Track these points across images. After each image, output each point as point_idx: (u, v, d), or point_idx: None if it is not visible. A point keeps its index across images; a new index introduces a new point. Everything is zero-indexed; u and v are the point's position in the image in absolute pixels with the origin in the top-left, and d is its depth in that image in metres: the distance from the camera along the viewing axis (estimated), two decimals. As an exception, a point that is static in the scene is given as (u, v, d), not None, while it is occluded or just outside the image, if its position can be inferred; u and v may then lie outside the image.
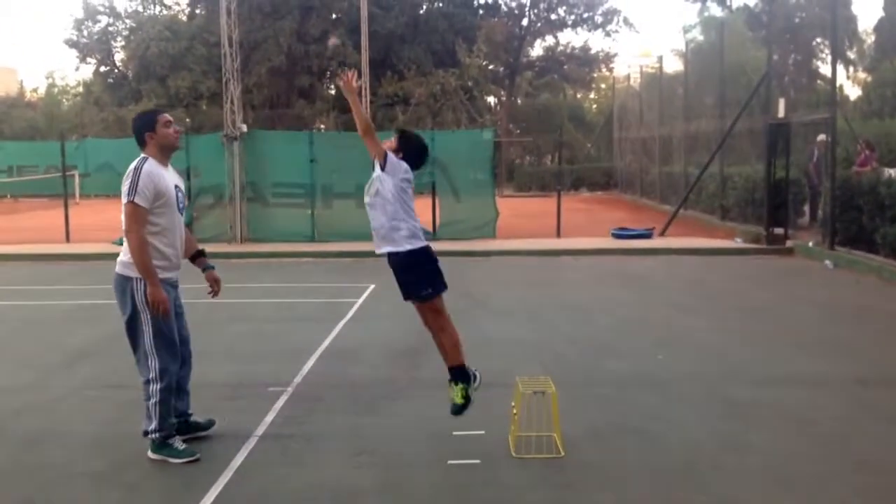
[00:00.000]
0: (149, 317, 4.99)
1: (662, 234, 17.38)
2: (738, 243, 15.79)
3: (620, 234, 17.02)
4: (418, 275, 5.23)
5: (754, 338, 8.39)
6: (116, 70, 43.83)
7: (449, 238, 16.27)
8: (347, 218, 16.41)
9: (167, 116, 5.23)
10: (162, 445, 5.07)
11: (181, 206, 5.19)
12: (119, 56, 43.61)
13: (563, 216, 17.41)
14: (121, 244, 5.13)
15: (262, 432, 5.56)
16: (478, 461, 5.01)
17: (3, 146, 33.28)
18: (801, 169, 16.77)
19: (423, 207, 16.82)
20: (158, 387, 5.03)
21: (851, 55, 36.61)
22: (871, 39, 35.13)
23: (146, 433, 5.11)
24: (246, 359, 7.63)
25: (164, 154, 5.16)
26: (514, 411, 5.25)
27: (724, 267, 13.54)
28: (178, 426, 5.26)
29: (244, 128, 16.80)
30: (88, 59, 43.22)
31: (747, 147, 18.70)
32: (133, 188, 4.85)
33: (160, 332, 5.02)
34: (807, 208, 17.21)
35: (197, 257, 5.54)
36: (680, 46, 24.92)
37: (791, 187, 16.19)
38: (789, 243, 15.28)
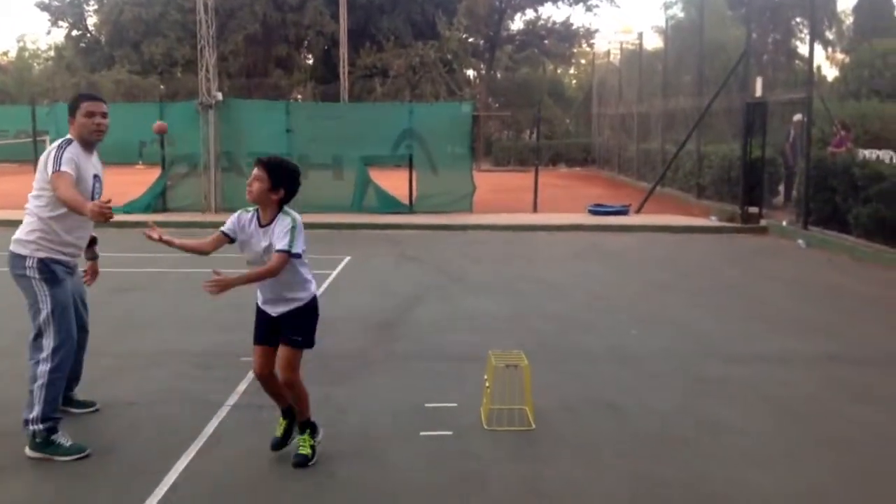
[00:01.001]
0: (46, 291, 4.68)
1: (638, 211, 17.44)
2: (713, 221, 15.89)
3: (597, 211, 17.06)
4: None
5: (727, 315, 8.46)
6: (89, 34, 43.12)
7: (425, 211, 16.22)
8: (323, 189, 16.29)
9: (92, 106, 4.83)
10: (45, 443, 4.61)
11: (98, 194, 4.88)
12: (92, 20, 42.90)
13: (540, 192, 17.40)
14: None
15: (234, 402, 5.54)
16: (450, 433, 5.02)
17: (-28, 109, 32.69)
18: (777, 149, 16.86)
19: (400, 180, 16.86)
20: (49, 367, 4.64)
21: (830, 35, 36.74)
22: (850, 20, 35.25)
23: (27, 422, 4.64)
24: (220, 329, 7.58)
25: (84, 144, 4.83)
26: (487, 384, 5.26)
27: (698, 245, 13.62)
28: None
29: (219, 96, 16.58)
30: (60, 23, 42.51)
31: (725, 126, 18.76)
32: (58, 161, 4.58)
33: (57, 305, 4.70)
34: (782, 188, 17.33)
35: (88, 245, 5.14)
36: (661, 23, 24.82)
37: (767, 167, 16.28)
38: (763, 222, 15.40)
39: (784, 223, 14.82)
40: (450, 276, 10.47)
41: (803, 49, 34.95)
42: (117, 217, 5.43)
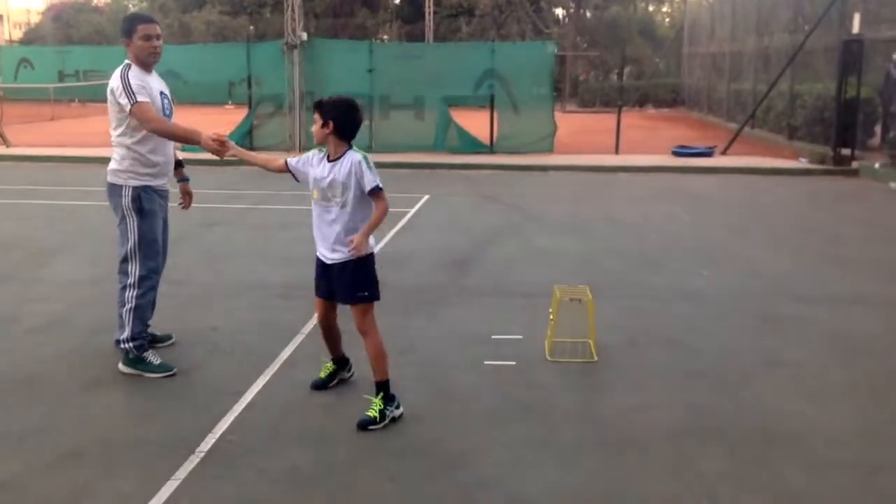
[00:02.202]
0: (135, 223, 4.96)
1: (724, 152, 17.05)
2: (802, 163, 15.44)
3: (681, 152, 16.77)
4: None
5: (803, 257, 8.34)
6: (182, -25, 43.87)
7: (506, 152, 16.25)
8: (405, 129, 16.51)
9: (149, 29, 4.89)
10: (136, 360, 4.98)
11: (168, 112, 5.03)
12: (186, -40, 43.57)
13: (625, 133, 17.19)
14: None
15: (310, 329, 5.82)
16: (513, 363, 5.20)
17: (71, 51, 33.84)
18: (877, 88, 16.16)
19: (481, 120, 16.89)
20: (136, 293, 4.99)
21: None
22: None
23: (118, 342, 5.03)
24: (299, 263, 7.87)
25: (142, 65, 4.91)
26: (552, 317, 5.40)
27: (784, 187, 13.30)
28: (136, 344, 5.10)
29: (304, 36, 16.84)
30: (154, -36, 43.32)
31: (821, 64, 18.04)
32: (130, 93, 4.73)
33: (143, 238, 4.98)
34: (878, 129, 16.65)
35: (176, 167, 5.35)
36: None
37: (863, 107, 15.66)
38: (855, 164, 14.89)
39: (876, 165, 14.30)
40: (526, 215, 10.56)
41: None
42: (202, 155, 5.67)
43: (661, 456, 3.99)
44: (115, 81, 4.83)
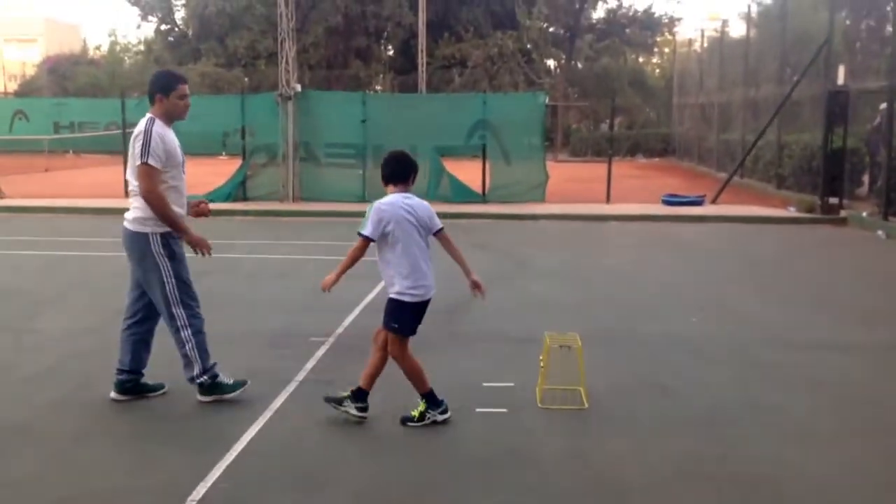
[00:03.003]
0: (169, 269, 5.14)
1: (714, 201, 17.25)
2: (790, 212, 15.62)
3: (671, 201, 16.95)
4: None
5: (792, 304, 8.42)
6: (177, 28, 44.62)
7: (498, 201, 16.41)
8: (398, 178, 16.60)
9: (185, 89, 5.20)
10: (212, 387, 5.27)
11: (183, 165, 5.32)
12: (180, 14, 44.34)
13: (616, 182, 17.37)
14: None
15: (303, 378, 5.85)
16: (505, 410, 5.23)
17: (67, 102, 34.21)
18: (863, 138, 16.43)
19: (473, 170, 17.06)
20: (190, 332, 5.21)
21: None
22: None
23: (192, 380, 5.28)
24: (292, 311, 7.95)
25: (169, 120, 5.19)
26: (542, 364, 5.45)
27: (773, 236, 13.45)
28: (126, 383, 5.31)
29: (298, 87, 17.08)
30: (150, 17, 44.07)
31: (808, 115, 18.35)
32: (146, 149, 4.97)
33: (181, 280, 5.19)
34: (866, 178, 16.89)
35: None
36: (747, 9, 24.32)
37: (850, 157, 15.91)
38: (843, 213, 15.07)
39: (864, 214, 14.48)
40: (517, 263, 10.65)
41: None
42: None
43: (651, 501, 4.02)
44: (139, 129, 5.06)
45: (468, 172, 17.11)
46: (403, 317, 4.97)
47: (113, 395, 5.35)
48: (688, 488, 4.15)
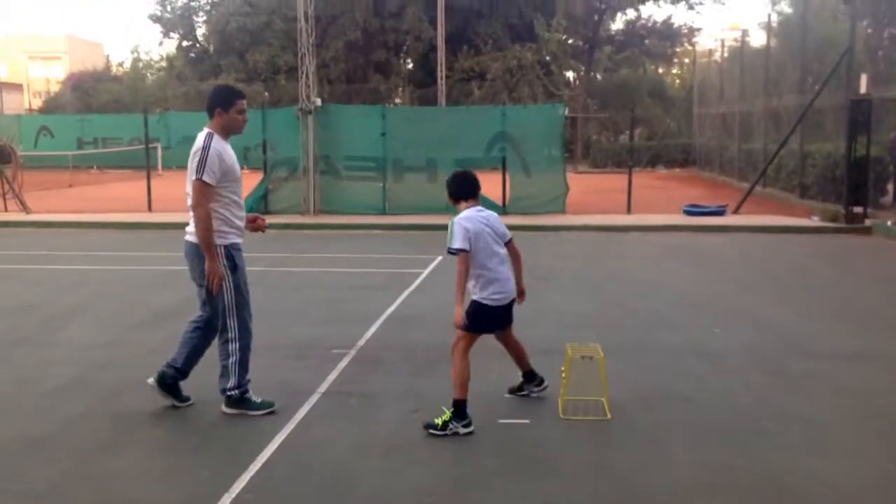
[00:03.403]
0: (230, 282, 5.28)
1: (736, 211, 17.14)
2: (814, 221, 15.49)
3: (692, 211, 16.87)
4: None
5: (814, 314, 8.35)
6: (198, 45, 45.00)
7: (518, 213, 16.40)
8: (418, 191, 16.68)
9: (244, 104, 5.37)
10: (239, 401, 5.34)
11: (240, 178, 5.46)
12: (201, 31, 44.74)
13: (637, 193, 17.33)
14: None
15: (325, 389, 5.87)
16: (527, 421, 5.22)
17: (90, 118, 34.60)
18: (887, 147, 16.29)
19: (493, 182, 17.05)
20: (238, 346, 5.34)
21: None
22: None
23: (224, 391, 5.36)
24: (314, 323, 7.98)
25: (226, 135, 5.34)
26: (564, 375, 5.43)
27: (796, 245, 13.34)
28: (168, 378, 5.41)
29: (318, 102, 17.18)
30: (171, 34, 44.49)
31: (831, 124, 18.22)
32: (202, 166, 5.09)
33: (240, 293, 5.34)
34: (890, 187, 16.73)
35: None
36: (767, 19, 24.24)
37: (874, 165, 15.77)
38: (868, 222, 14.93)
39: (889, 223, 14.34)
40: (538, 274, 10.60)
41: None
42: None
43: (675, 513, 3.99)
44: (198, 144, 5.19)
45: (488, 185, 17.00)
46: (483, 319, 5.26)
47: (151, 381, 5.46)
48: (712, 499, 4.11)
